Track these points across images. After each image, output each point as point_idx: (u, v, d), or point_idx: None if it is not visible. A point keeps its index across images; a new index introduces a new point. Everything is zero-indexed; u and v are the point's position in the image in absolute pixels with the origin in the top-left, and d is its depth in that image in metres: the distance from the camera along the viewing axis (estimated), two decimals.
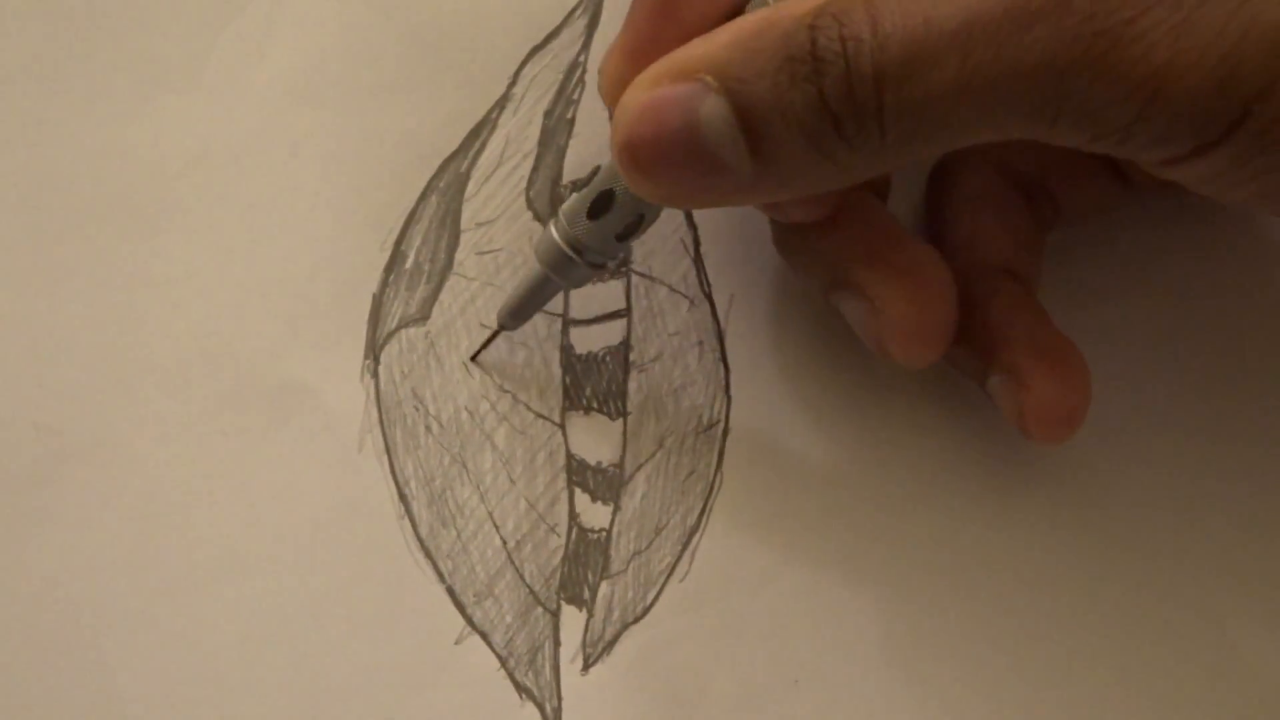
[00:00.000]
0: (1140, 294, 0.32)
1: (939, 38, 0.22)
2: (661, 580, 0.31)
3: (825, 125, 0.23)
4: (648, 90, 0.25)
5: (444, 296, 0.32)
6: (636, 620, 0.31)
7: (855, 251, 0.29)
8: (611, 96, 0.27)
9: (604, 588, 0.31)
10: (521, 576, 0.31)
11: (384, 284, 0.32)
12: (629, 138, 0.25)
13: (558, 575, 0.31)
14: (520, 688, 0.30)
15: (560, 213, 0.28)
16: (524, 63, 0.33)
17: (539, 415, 0.31)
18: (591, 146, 0.33)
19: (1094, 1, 0.22)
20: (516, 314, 0.30)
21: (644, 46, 0.26)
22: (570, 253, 0.28)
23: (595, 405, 0.32)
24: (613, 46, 0.27)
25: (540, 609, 0.31)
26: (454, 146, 0.33)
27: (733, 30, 0.24)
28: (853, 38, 0.23)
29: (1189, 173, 0.23)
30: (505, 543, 0.31)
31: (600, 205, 0.27)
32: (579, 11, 0.33)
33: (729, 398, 0.32)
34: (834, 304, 0.30)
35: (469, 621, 0.30)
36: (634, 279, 0.32)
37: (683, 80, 0.24)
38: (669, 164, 0.25)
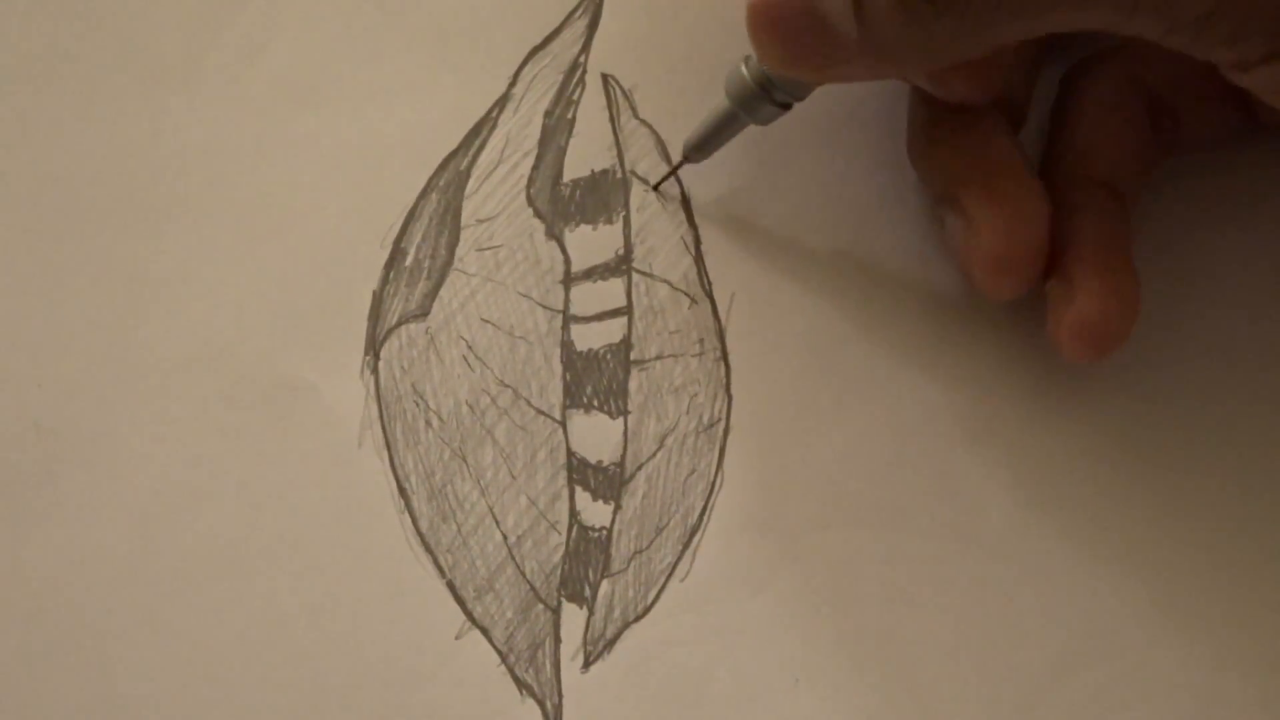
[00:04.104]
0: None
1: None
2: (662, 579, 0.31)
3: None
4: None
5: (444, 292, 0.32)
6: (637, 619, 0.31)
7: (967, 168, 0.29)
8: None
9: (605, 586, 0.31)
10: (522, 572, 0.31)
11: (384, 280, 0.32)
12: (753, 1, 0.26)
13: (558, 572, 0.31)
14: (521, 684, 0.30)
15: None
16: (524, 63, 0.33)
17: (540, 412, 0.31)
18: (591, 146, 0.33)
19: None
20: (702, 147, 0.31)
21: None
22: (759, 89, 0.29)
23: (596, 404, 0.32)
24: None
25: (541, 605, 0.31)
26: (454, 145, 0.33)
27: None
28: None
29: (1259, 80, 0.23)
30: (506, 538, 0.31)
31: None
32: (579, 12, 0.33)
33: (730, 397, 0.32)
34: (938, 216, 0.30)
35: (469, 617, 0.30)
36: (635, 276, 0.32)
37: None
38: (787, 27, 0.26)
